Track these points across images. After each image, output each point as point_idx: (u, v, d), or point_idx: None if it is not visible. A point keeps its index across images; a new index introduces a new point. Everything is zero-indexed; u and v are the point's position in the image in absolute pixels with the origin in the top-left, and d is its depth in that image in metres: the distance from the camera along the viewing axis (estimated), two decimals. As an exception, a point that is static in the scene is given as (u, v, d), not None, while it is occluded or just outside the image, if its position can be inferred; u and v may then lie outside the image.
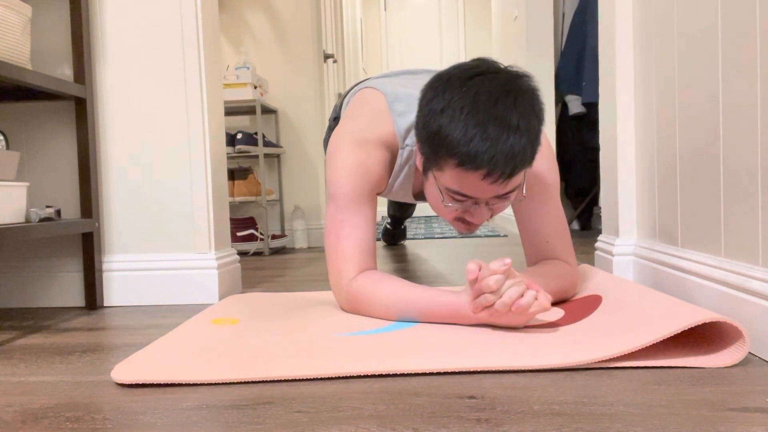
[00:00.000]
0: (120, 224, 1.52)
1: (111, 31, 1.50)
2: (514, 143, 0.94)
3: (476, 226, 1.10)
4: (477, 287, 0.97)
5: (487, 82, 0.97)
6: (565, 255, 1.20)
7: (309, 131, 2.88)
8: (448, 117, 0.96)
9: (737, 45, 0.93)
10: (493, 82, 0.97)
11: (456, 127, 0.95)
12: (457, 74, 1.00)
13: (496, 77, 0.98)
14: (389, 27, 5.98)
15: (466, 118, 0.94)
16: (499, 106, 0.95)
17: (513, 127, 0.94)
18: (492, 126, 0.94)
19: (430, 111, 0.99)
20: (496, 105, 0.95)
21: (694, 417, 0.66)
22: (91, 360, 0.99)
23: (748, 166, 0.90)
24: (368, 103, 1.25)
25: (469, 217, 1.07)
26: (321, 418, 0.69)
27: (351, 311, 1.18)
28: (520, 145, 0.95)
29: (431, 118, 0.99)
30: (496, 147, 0.93)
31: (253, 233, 2.62)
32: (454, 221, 1.10)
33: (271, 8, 2.84)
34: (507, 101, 0.95)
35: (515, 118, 0.94)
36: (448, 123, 0.96)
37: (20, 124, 1.53)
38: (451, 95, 0.97)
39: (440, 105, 0.98)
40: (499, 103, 0.95)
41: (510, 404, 0.71)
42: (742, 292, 0.90)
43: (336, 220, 1.16)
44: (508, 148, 0.94)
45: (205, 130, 1.50)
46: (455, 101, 0.96)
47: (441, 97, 0.98)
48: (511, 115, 0.94)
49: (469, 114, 0.95)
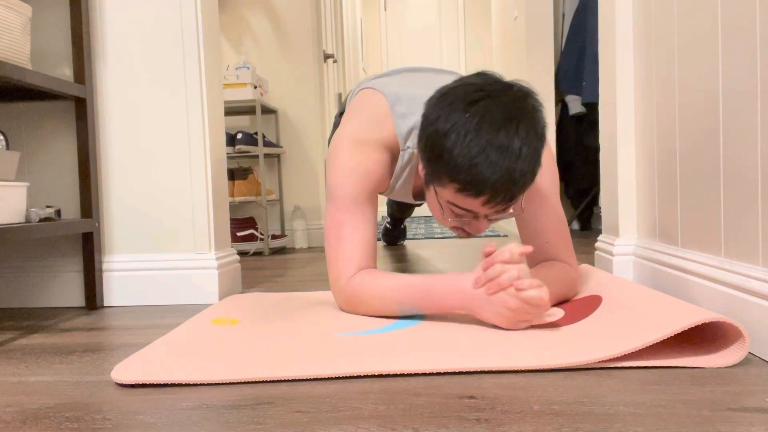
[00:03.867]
0: (120, 224, 1.52)
1: (111, 31, 1.50)
2: (516, 169, 0.96)
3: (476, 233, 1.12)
4: (489, 259, 0.99)
5: (491, 107, 0.98)
6: (565, 255, 1.20)
7: (309, 131, 2.88)
8: (452, 141, 0.97)
9: (737, 45, 0.93)
10: (496, 107, 0.98)
11: (459, 153, 0.96)
12: (462, 96, 1.00)
13: (500, 101, 0.99)
14: (389, 27, 5.98)
15: (470, 144, 0.96)
16: (501, 133, 0.96)
17: (515, 153, 0.96)
18: (495, 153, 0.95)
19: (434, 132, 1.00)
20: (499, 132, 0.96)
21: (694, 417, 0.66)
22: (91, 360, 0.99)
23: (748, 166, 0.90)
24: (368, 104, 1.25)
25: (468, 228, 1.10)
26: (321, 418, 0.69)
27: (349, 310, 1.18)
28: (521, 172, 0.97)
29: (435, 140, 1.00)
30: (497, 174, 0.95)
31: (253, 233, 2.62)
32: (453, 229, 1.12)
33: (271, 8, 2.84)
34: (510, 127, 0.97)
35: (517, 144, 0.96)
36: (452, 147, 0.97)
37: (20, 124, 1.53)
38: (455, 119, 0.98)
39: (444, 127, 0.99)
40: (502, 130, 0.96)
41: (510, 404, 0.71)
42: (742, 292, 0.90)
43: (336, 221, 1.16)
44: (510, 174, 0.96)
45: (205, 130, 1.50)
46: (459, 126, 0.97)
47: (445, 119, 0.99)
48: (514, 141, 0.96)
49: (472, 141, 0.96)
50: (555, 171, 1.23)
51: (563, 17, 3.26)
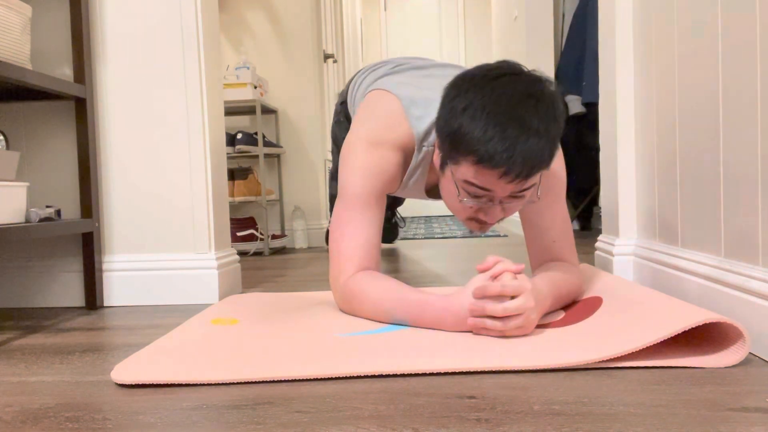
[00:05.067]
0: (120, 224, 1.52)
1: (111, 31, 1.50)
2: (533, 145, 0.95)
3: (488, 225, 1.10)
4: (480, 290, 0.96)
5: (510, 84, 0.98)
6: (570, 256, 1.20)
7: (309, 131, 2.88)
8: (469, 116, 0.97)
9: (737, 45, 0.93)
10: (516, 84, 0.98)
11: (476, 126, 0.96)
12: (481, 74, 1.01)
13: (519, 79, 0.99)
14: (389, 27, 5.98)
15: (487, 117, 0.95)
16: (520, 108, 0.95)
17: (533, 129, 0.95)
18: (512, 127, 0.94)
19: (451, 109, 1.00)
20: (518, 107, 0.95)
21: (694, 417, 0.66)
22: (91, 360, 0.99)
23: (748, 166, 0.90)
24: (382, 106, 1.24)
25: (482, 216, 1.07)
26: (321, 418, 0.69)
27: (345, 309, 1.18)
28: (538, 147, 0.95)
29: (452, 117, 1.00)
30: (514, 148, 0.94)
31: (253, 233, 2.62)
32: (467, 220, 1.10)
33: (271, 8, 2.84)
34: (528, 104, 0.96)
35: (535, 121, 0.95)
36: (469, 122, 0.97)
37: (20, 124, 1.53)
38: (473, 95, 0.98)
39: (462, 104, 0.98)
40: (521, 105, 0.96)
41: (510, 404, 0.71)
42: (742, 292, 0.90)
43: (343, 219, 1.17)
44: (527, 149, 0.94)
45: (205, 130, 1.50)
46: (477, 101, 0.97)
47: (463, 96, 0.99)
48: (532, 117, 0.95)
49: (490, 114, 0.95)
50: (564, 172, 1.22)
51: (563, 17, 3.26)
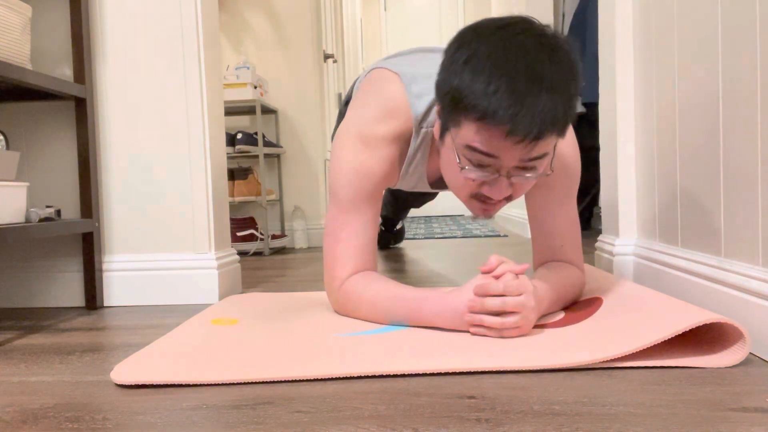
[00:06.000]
0: (120, 224, 1.52)
1: (111, 31, 1.50)
2: (546, 101, 0.83)
3: (493, 207, 1.00)
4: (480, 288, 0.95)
5: (520, 33, 0.87)
6: (576, 258, 1.17)
7: (309, 131, 2.88)
8: (472, 68, 0.86)
9: (737, 44, 0.93)
10: (527, 34, 0.87)
11: (479, 79, 0.84)
12: (488, 23, 0.90)
13: (532, 29, 0.88)
14: (389, 27, 5.98)
15: (492, 68, 0.84)
16: (531, 59, 0.84)
17: (546, 82, 0.84)
18: (522, 80, 0.83)
19: (452, 63, 0.89)
20: (529, 57, 0.84)
21: (694, 417, 0.66)
22: (91, 360, 0.99)
23: (748, 166, 0.90)
24: (381, 86, 1.15)
25: (487, 191, 0.95)
26: (321, 418, 0.69)
27: (342, 313, 1.16)
28: (551, 104, 0.84)
29: (453, 72, 0.89)
30: (523, 102, 0.83)
31: (253, 233, 2.62)
32: (471, 200, 1.00)
33: (271, 8, 2.84)
34: (542, 55, 0.85)
35: (549, 74, 0.84)
36: (471, 75, 0.85)
37: (20, 124, 1.53)
38: (477, 44, 0.87)
39: (465, 55, 0.87)
40: (532, 54, 0.84)
41: (510, 404, 0.71)
42: (742, 292, 0.90)
43: (336, 222, 1.14)
44: (538, 105, 0.83)
45: (205, 130, 1.50)
46: (482, 50, 0.86)
47: (467, 47, 0.88)
48: (544, 69, 0.84)
49: (496, 64, 0.84)
50: (579, 166, 1.15)
51: (563, 17, 3.26)
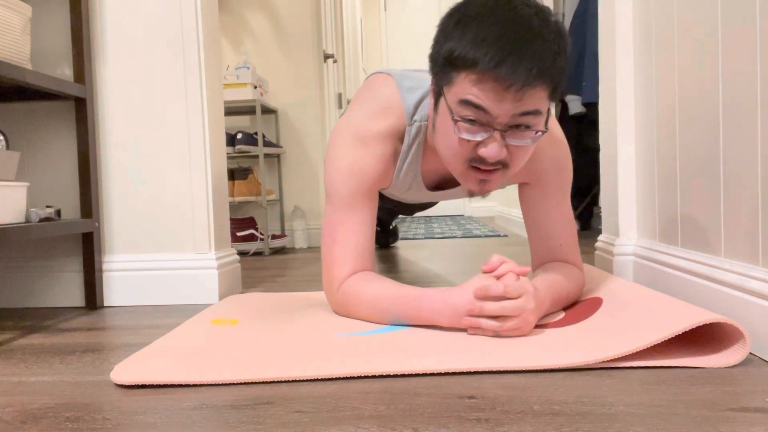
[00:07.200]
0: (120, 224, 1.52)
1: (111, 31, 1.50)
2: (538, 47, 0.86)
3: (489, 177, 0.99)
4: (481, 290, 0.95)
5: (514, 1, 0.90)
6: (575, 258, 1.18)
7: (309, 131, 2.88)
8: (462, 26, 0.89)
9: (737, 44, 0.93)
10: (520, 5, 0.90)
11: (469, 33, 0.88)
12: None
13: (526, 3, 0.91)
14: (389, 27, 5.98)
15: (481, 21, 0.88)
16: (520, 13, 0.88)
17: (535, 31, 0.87)
18: (511, 27, 0.87)
19: (443, 31, 0.94)
20: (516, 11, 0.88)
21: (694, 417, 0.66)
22: (91, 360, 0.99)
23: (748, 165, 0.90)
24: (374, 87, 1.20)
25: (482, 152, 0.94)
26: (321, 418, 0.69)
27: (341, 314, 1.16)
28: (543, 50, 0.87)
29: (444, 36, 0.93)
30: (514, 46, 0.86)
31: (253, 233, 2.62)
32: (467, 170, 0.99)
33: (271, 8, 2.84)
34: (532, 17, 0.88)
35: (537, 24, 0.88)
36: (462, 32, 0.89)
37: (20, 124, 1.53)
38: (467, 8, 0.91)
39: (455, 18, 0.92)
40: (522, 12, 0.88)
41: (510, 404, 0.71)
42: (742, 292, 0.90)
43: (332, 222, 1.14)
44: (529, 50, 0.86)
45: (205, 130, 1.50)
46: (471, 11, 0.90)
47: (457, 13, 0.93)
48: (533, 23, 0.88)
49: (487, 15, 0.88)
50: (571, 167, 1.19)
51: (563, 17, 3.26)
